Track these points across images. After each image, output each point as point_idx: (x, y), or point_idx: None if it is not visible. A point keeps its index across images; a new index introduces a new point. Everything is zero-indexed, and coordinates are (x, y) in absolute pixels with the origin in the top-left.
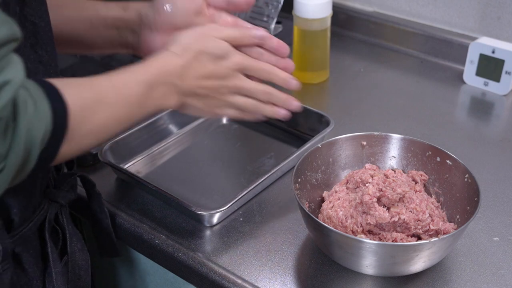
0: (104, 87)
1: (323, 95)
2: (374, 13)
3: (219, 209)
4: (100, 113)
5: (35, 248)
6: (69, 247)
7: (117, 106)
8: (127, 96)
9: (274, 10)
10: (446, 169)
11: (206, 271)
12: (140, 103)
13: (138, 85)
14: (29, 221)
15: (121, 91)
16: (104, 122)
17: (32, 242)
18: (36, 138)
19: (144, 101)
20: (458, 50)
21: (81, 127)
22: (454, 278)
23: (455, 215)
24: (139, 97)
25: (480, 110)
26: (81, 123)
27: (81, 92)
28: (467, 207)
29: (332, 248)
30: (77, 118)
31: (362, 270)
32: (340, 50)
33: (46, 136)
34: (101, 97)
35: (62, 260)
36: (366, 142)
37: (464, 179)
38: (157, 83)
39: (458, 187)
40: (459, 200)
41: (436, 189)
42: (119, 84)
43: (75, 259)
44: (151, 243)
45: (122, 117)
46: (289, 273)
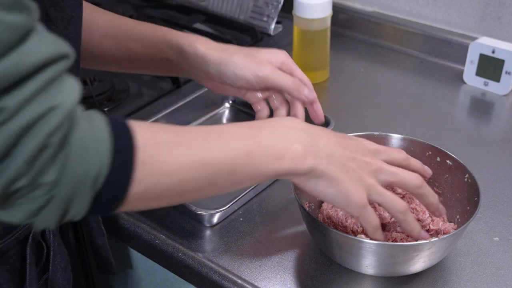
0: (191, 130)
1: (323, 95)
2: (374, 13)
3: (219, 209)
4: (182, 155)
5: (13, 263)
6: (52, 265)
7: (209, 150)
8: (224, 139)
9: (274, 10)
10: (446, 169)
11: (206, 271)
12: (247, 152)
13: (241, 128)
14: (11, 235)
15: (215, 132)
16: (190, 166)
17: (10, 257)
18: (89, 169)
19: (253, 150)
20: (458, 50)
21: (155, 166)
22: (454, 278)
23: (455, 215)
24: (243, 143)
25: (480, 110)
26: (155, 161)
27: (157, 131)
28: (467, 207)
29: (332, 248)
30: (150, 153)
31: (362, 270)
32: (340, 50)
33: (104, 170)
34: (183, 139)
35: (42, 278)
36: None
37: (464, 179)
38: (270, 129)
39: (458, 187)
40: (459, 200)
41: (436, 189)
42: (212, 128)
43: (56, 278)
44: (151, 243)
45: (219, 166)
46: (289, 273)
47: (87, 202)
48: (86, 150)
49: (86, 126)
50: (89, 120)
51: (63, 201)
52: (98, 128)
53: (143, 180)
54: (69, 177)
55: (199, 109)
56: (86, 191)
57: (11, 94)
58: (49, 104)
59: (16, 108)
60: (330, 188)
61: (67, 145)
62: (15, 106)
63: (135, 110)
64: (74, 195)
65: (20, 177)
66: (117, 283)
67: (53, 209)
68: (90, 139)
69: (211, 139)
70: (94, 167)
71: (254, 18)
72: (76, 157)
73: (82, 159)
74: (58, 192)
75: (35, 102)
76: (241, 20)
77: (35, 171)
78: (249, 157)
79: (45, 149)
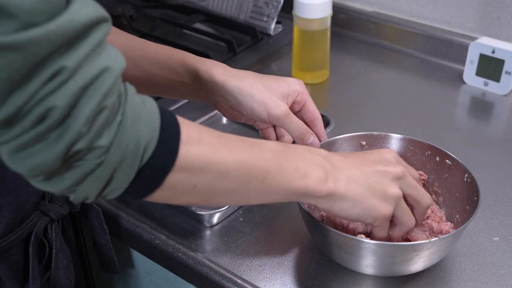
0: (230, 136)
1: (323, 95)
2: (374, 13)
3: (219, 209)
4: (222, 153)
5: (16, 260)
6: (54, 263)
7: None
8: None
9: (274, 10)
10: (446, 168)
11: (206, 271)
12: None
13: (275, 143)
14: (14, 233)
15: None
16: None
17: (13, 255)
18: (140, 139)
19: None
20: (458, 50)
21: (196, 159)
22: (454, 278)
23: (455, 215)
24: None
25: (480, 110)
26: (197, 154)
27: (200, 129)
28: (467, 207)
29: (332, 248)
30: (193, 146)
31: (362, 270)
32: (340, 50)
33: (151, 145)
34: (225, 141)
35: (45, 276)
36: (366, 142)
37: (463, 178)
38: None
39: (457, 187)
40: (458, 199)
41: (435, 188)
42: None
43: (58, 276)
44: (151, 243)
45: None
46: (289, 273)
47: (132, 175)
48: (138, 121)
49: (139, 100)
50: (141, 96)
51: (111, 168)
52: (150, 105)
53: (181, 169)
54: (121, 144)
55: (199, 109)
56: (133, 162)
57: (68, 55)
58: (102, 66)
59: (74, 68)
60: (354, 209)
61: (123, 111)
62: (73, 66)
63: None
64: (121, 164)
65: (80, 138)
66: (117, 283)
67: (101, 175)
68: (143, 111)
69: (249, 146)
70: (144, 139)
71: (254, 18)
72: (129, 126)
73: (134, 128)
74: (108, 157)
75: (89, 63)
76: (241, 20)
77: (93, 133)
78: (279, 169)
79: (101, 111)
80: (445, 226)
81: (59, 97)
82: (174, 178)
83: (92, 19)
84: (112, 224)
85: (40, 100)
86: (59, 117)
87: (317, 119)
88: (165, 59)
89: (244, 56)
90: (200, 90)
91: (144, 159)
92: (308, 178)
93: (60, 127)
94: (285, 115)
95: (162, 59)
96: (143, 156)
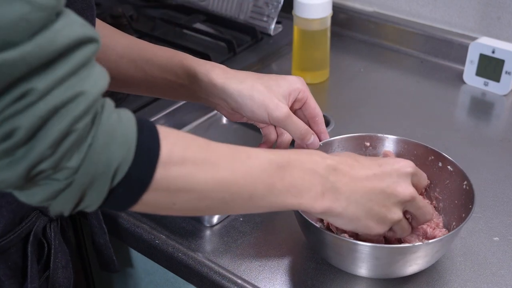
0: (220, 149)
1: (323, 95)
2: (374, 13)
3: None
4: (206, 173)
5: (15, 260)
6: (52, 263)
7: (232, 174)
8: (249, 167)
9: (274, 10)
10: (447, 174)
11: (206, 271)
12: (269, 185)
13: (269, 162)
14: (13, 232)
15: (241, 159)
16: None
17: (12, 254)
18: (112, 161)
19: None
20: (458, 50)
21: (177, 180)
22: (454, 278)
23: (452, 222)
24: (267, 176)
25: (480, 110)
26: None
27: (187, 143)
28: (463, 214)
29: (326, 251)
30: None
31: (357, 272)
32: (340, 50)
33: (124, 166)
34: (211, 157)
35: (43, 275)
36: (370, 143)
37: (462, 185)
38: (296, 168)
39: (456, 194)
40: (456, 206)
41: (436, 194)
42: (241, 153)
43: (57, 276)
44: (151, 243)
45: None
46: (289, 273)
47: (103, 194)
48: (111, 142)
49: (115, 119)
50: (118, 114)
51: (81, 188)
52: (127, 123)
53: (160, 188)
54: (91, 166)
55: (199, 109)
56: (104, 182)
57: (41, 76)
58: (77, 90)
59: (45, 90)
60: (349, 225)
61: (94, 133)
62: (44, 88)
63: (135, 110)
64: (92, 184)
65: (43, 159)
66: (117, 283)
67: (71, 194)
68: (117, 132)
69: (236, 162)
70: (116, 160)
71: (254, 18)
72: (100, 148)
73: (106, 150)
74: (77, 178)
75: (64, 86)
76: (241, 20)
77: (59, 155)
78: (269, 189)
79: (70, 134)
80: (439, 232)
81: (24, 118)
82: (151, 197)
83: (75, 40)
84: (112, 224)
85: (5, 119)
86: (23, 137)
87: (318, 115)
88: (165, 61)
89: (244, 56)
90: (199, 93)
91: (115, 180)
92: (302, 198)
93: (25, 146)
94: (286, 116)
95: (162, 61)
96: (114, 177)
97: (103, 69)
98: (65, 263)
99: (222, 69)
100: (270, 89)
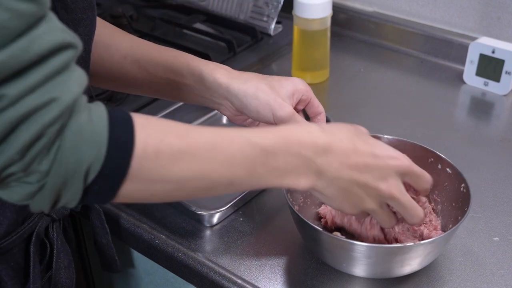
0: (201, 137)
1: (323, 95)
2: (374, 13)
3: (219, 209)
4: (182, 165)
5: (17, 260)
6: (55, 263)
7: (210, 163)
8: (230, 155)
9: (274, 10)
10: (446, 177)
11: (206, 271)
12: (250, 170)
13: (251, 147)
14: (15, 233)
15: (222, 147)
16: (188, 176)
17: (14, 255)
18: (82, 162)
19: (256, 168)
20: (458, 50)
21: (152, 172)
22: (454, 278)
23: (449, 224)
24: (249, 161)
25: (480, 110)
26: (152, 168)
27: (164, 134)
28: (459, 217)
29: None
30: (148, 160)
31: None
32: (340, 50)
33: (96, 166)
34: (188, 147)
35: (46, 276)
36: None
37: (460, 188)
38: (281, 152)
39: (454, 196)
40: (454, 209)
41: (435, 196)
42: (223, 140)
43: (59, 276)
44: (151, 243)
45: (219, 178)
46: (289, 273)
47: (79, 193)
48: (80, 143)
49: (85, 119)
50: (89, 113)
51: (55, 189)
52: (98, 122)
53: (136, 182)
54: (61, 168)
55: (199, 109)
56: (77, 182)
57: (13, 82)
58: (49, 97)
59: (16, 97)
60: (327, 200)
61: (62, 136)
62: (15, 95)
63: (135, 110)
64: (65, 185)
65: (12, 163)
66: (117, 283)
67: (45, 195)
68: (86, 132)
69: (217, 150)
70: (86, 161)
71: (254, 18)
72: (69, 150)
73: (75, 152)
74: (49, 181)
75: (36, 92)
76: (241, 20)
77: (28, 159)
78: (250, 174)
79: (40, 139)
80: (434, 234)
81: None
82: (127, 189)
83: (53, 46)
84: (112, 224)
85: None
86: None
87: (321, 113)
88: (170, 61)
89: (244, 56)
90: (204, 93)
91: (88, 179)
92: (284, 179)
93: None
94: (290, 116)
95: (167, 60)
96: (86, 177)
97: (82, 73)
98: (68, 263)
99: (226, 69)
100: (274, 90)
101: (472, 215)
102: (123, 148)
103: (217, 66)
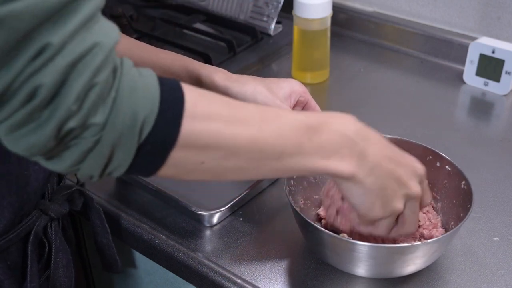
0: (248, 108)
1: (323, 95)
2: (374, 13)
3: (219, 209)
4: (234, 129)
5: (14, 259)
6: (53, 262)
7: (261, 131)
8: (278, 127)
9: (274, 10)
10: (445, 174)
11: (206, 271)
12: (298, 144)
13: (298, 121)
14: (13, 231)
15: (270, 118)
16: (240, 143)
17: (11, 253)
18: (138, 113)
19: (303, 144)
20: (458, 50)
21: (203, 135)
22: (454, 278)
23: (450, 222)
24: (297, 135)
25: (480, 110)
26: (203, 131)
27: (211, 98)
28: (461, 214)
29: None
30: (198, 122)
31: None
32: (340, 50)
33: (151, 117)
34: (238, 114)
35: (44, 275)
36: None
37: (461, 185)
38: (325, 130)
39: (454, 194)
40: (455, 206)
41: (434, 194)
42: (269, 112)
43: (57, 275)
44: (151, 243)
45: (270, 148)
46: (289, 273)
47: (132, 152)
48: (135, 94)
49: (135, 73)
50: (138, 69)
51: (110, 145)
52: (148, 76)
53: (186, 146)
54: (117, 120)
55: None
56: (131, 137)
57: (53, 30)
58: (92, 41)
59: (60, 44)
60: (361, 197)
61: (117, 87)
62: (59, 43)
63: None
64: (120, 140)
65: (71, 116)
66: (117, 283)
67: (99, 153)
68: (140, 84)
69: (265, 121)
70: (141, 113)
71: (254, 18)
72: (125, 100)
73: (130, 103)
74: (105, 134)
75: (77, 39)
76: (241, 20)
77: (85, 111)
78: (298, 149)
79: (93, 88)
80: (436, 232)
81: (46, 75)
82: (179, 154)
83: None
84: (112, 224)
85: (26, 79)
86: (47, 95)
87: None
88: (168, 63)
89: (244, 56)
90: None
91: (143, 134)
92: (329, 159)
93: (50, 105)
94: None
95: (165, 63)
96: (141, 131)
97: (111, 22)
98: (66, 262)
99: (224, 72)
100: (272, 91)
101: (472, 215)
102: (175, 106)
103: (215, 69)
